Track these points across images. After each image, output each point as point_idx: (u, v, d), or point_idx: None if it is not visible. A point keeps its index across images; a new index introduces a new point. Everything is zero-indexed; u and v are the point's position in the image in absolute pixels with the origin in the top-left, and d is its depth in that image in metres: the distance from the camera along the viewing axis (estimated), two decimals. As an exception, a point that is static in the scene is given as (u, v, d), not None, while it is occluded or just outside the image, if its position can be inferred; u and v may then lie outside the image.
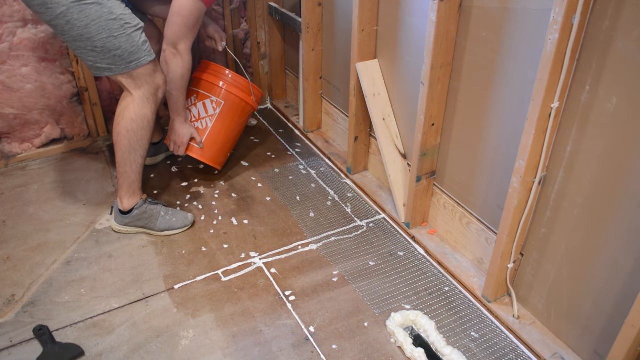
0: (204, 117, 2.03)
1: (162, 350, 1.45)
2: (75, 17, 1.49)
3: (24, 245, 1.80)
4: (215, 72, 2.05)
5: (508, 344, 1.47)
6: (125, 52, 1.57)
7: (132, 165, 1.74)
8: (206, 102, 2.03)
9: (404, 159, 1.93)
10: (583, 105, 1.21)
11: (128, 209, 1.80)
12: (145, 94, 1.67)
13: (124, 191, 1.78)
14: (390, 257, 1.77)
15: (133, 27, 1.57)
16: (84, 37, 1.52)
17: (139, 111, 1.67)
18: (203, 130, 2.03)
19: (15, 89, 2.12)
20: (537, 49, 1.27)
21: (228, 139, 2.11)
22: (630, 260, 1.19)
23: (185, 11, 1.70)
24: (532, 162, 1.30)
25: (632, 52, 1.07)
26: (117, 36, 1.54)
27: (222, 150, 2.11)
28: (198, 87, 2.05)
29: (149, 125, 1.71)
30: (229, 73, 2.05)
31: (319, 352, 1.44)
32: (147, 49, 1.62)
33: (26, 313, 1.56)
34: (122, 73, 1.61)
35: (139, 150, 1.73)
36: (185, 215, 1.88)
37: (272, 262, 1.75)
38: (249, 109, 2.13)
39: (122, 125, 1.69)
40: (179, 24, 1.72)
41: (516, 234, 1.43)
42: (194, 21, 1.73)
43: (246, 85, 2.08)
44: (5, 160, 2.22)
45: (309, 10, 2.15)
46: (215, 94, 2.03)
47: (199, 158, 2.03)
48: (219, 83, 2.03)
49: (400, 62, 1.80)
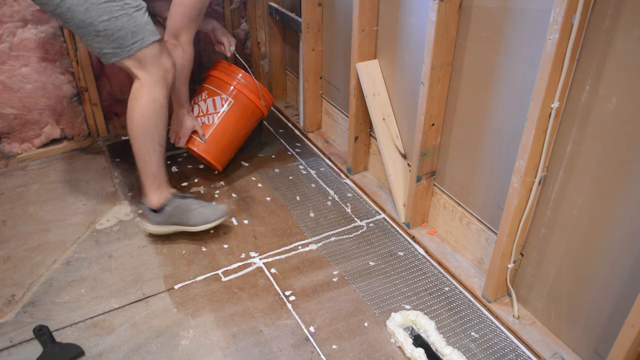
0: (211, 113, 2.03)
1: (162, 350, 1.45)
2: (75, 2, 1.50)
3: (24, 245, 1.80)
4: (229, 72, 2.07)
5: (508, 344, 1.47)
6: (128, 33, 1.55)
7: (150, 155, 1.68)
8: (215, 98, 2.04)
9: (404, 159, 1.93)
10: (583, 105, 1.21)
11: (159, 206, 1.73)
12: (154, 77, 1.63)
13: (150, 186, 1.71)
14: (390, 257, 1.77)
15: (134, 7, 1.56)
16: (86, 22, 1.52)
17: (150, 95, 1.64)
18: (208, 125, 2.03)
19: (15, 89, 2.12)
20: (537, 49, 1.27)
21: (232, 139, 2.10)
22: (630, 260, 1.19)
23: (188, 1, 1.71)
24: (532, 162, 1.30)
25: (632, 52, 1.07)
26: (118, 17, 1.53)
27: (225, 150, 2.10)
28: (210, 83, 2.07)
29: (161, 110, 1.66)
30: (243, 75, 2.07)
31: (319, 352, 1.44)
32: (151, 29, 1.60)
33: (26, 313, 1.56)
34: (129, 56, 1.59)
35: (155, 136, 1.67)
36: (216, 206, 1.80)
37: (272, 262, 1.75)
38: (258, 112, 2.14)
39: (134, 111, 1.64)
40: (181, 14, 1.72)
41: (516, 234, 1.43)
42: (196, 12, 1.74)
43: (260, 88, 2.09)
44: (5, 160, 2.22)
45: (309, 10, 2.15)
46: (226, 91, 2.05)
47: (200, 152, 2.01)
48: (231, 82, 2.05)
49: (400, 62, 1.80)
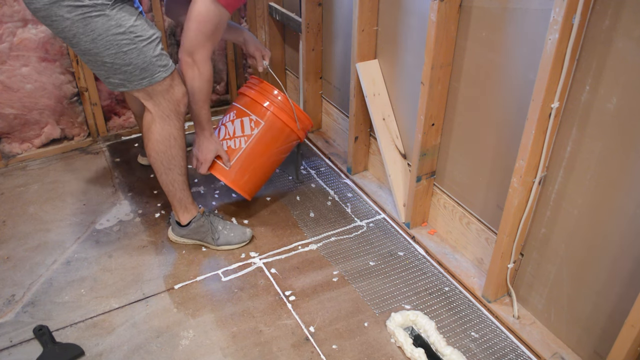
0: (238, 136, 1.81)
1: (162, 350, 1.45)
2: (80, 32, 1.39)
3: (24, 245, 1.80)
4: (262, 90, 1.84)
5: (508, 344, 1.47)
6: (137, 69, 1.46)
7: (173, 184, 1.68)
8: (244, 119, 1.82)
9: (404, 159, 1.93)
10: (583, 105, 1.21)
11: (185, 223, 1.76)
12: (164, 111, 1.56)
13: (176, 207, 1.73)
14: (390, 257, 1.77)
15: (145, 39, 1.45)
16: (92, 52, 1.43)
17: (162, 131, 1.58)
18: (235, 150, 1.80)
19: (15, 89, 2.12)
20: (537, 49, 1.27)
21: (262, 165, 1.86)
22: (630, 260, 1.19)
23: (202, 16, 1.52)
24: (532, 162, 1.30)
25: (632, 52, 1.07)
26: (127, 51, 1.43)
27: (254, 178, 1.86)
28: (240, 102, 1.86)
29: (176, 142, 1.61)
30: (278, 93, 1.84)
31: (319, 352, 1.44)
32: (162, 64, 1.50)
33: (26, 313, 1.56)
34: (137, 89, 1.52)
35: (175, 168, 1.65)
36: (243, 230, 1.82)
37: (272, 262, 1.75)
38: (292, 136, 1.89)
39: (149, 147, 1.61)
40: (195, 31, 1.54)
41: (516, 234, 1.43)
42: (212, 28, 1.55)
43: (295, 109, 1.85)
44: (5, 160, 2.22)
45: (309, 10, 2.15)
46: (256, 112, 1.82)
47: (224, 180, 1.80)
48: (263, 102, 1.82)
49: (400, 62, 1.80)
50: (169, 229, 1.83)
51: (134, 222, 1.91)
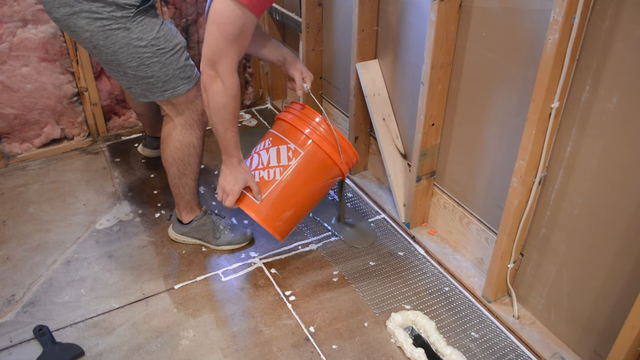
0: (273, 167, 1.57)
1: (162, 350, 1.45)
2: (101, 43, 1.35)
3: (24, 245, 1.80)
4: (304, 116, 1.61)
5: (508, 344, 1.47)
6: (159, 81, 1.42)
7: (184, 187, 1.67)
8: (281, 148, 1.59)
9: (404, 159, 1.93)
10: (583, 105, 1.21)
11: (187, 222, 1.77)
12: (187, 120, 1.52)
13: (181, 208, 1.73)
14: (390, 257, 1.77)
15: (169, 51, 1.39)
16: (114, 62, 1.40)
17: (182, 139, 1.54)
18: (268, 182, 1.56)
19: (15, 89, 2.12)
20: (537, 49, 1.27)
21: (299, 202, 1.60)
22: (630, 260, 1.19)
23: (223, 18, 1.31)
24: (532, 162, 1.30)
25: (632, 52, 1.07)
26: (149, 64, 1.38)
27: (287, 214, 1.59)
28: (277, 129, 1.64)
29: (195, 151, 1.59)
30: (322, 121, 1.60)
31: (319, 352, 1.44)
32: (186, 76, 1.44)
33: (26, 313, 1.56)
34: (160, 100, 1.49)
35: (189, 174, 1.64)
36: (244, 231, 1.81)
37: (272, 262, 1.75)
38: (335, 171, 1.64)
39: (167, 153, 1.59)
40: (216, 36, 1.33)
41: (516, 234, 1.43)
42: (235, 31, 1.33)
43: (340, 140, 1.61)
44: (5, 160, 2.22)
45: (309, 10, 2.15)
46: (295, 140, 1.59)
47: (254, 216, 1.54)
48: (304, 128, 1.59)
49: (400, 62, 1.80)
50: (170, 227, 1.83)
51: (134, 222, 1.92)
